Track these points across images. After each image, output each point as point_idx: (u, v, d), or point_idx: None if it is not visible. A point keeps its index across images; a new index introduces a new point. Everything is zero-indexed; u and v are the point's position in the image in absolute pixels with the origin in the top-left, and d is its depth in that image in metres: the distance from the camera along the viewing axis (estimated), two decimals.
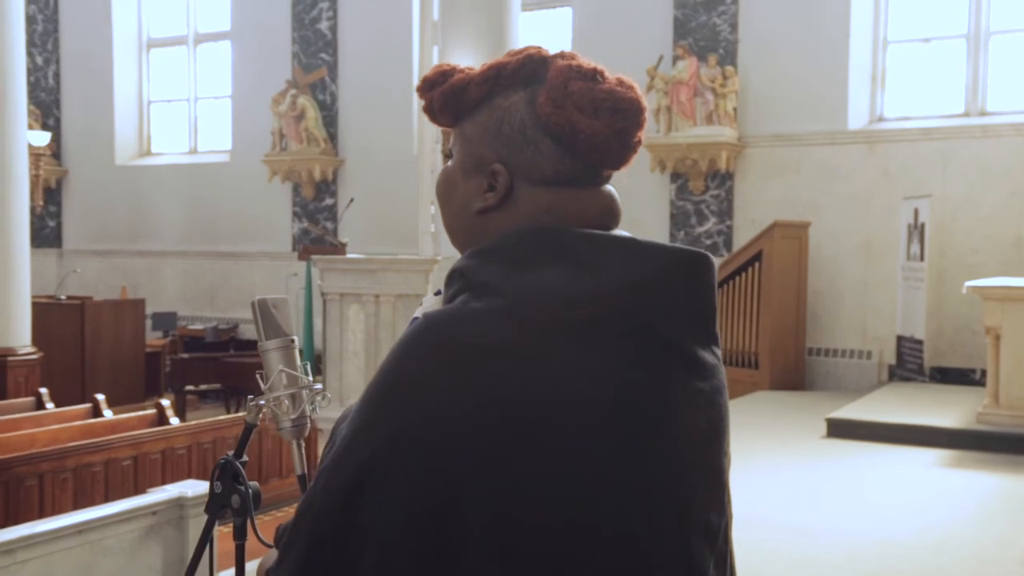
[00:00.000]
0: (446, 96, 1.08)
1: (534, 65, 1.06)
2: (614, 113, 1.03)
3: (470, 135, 1.08)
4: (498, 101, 1.06)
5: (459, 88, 1.08)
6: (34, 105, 13.56)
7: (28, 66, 13.69)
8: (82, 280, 12.98)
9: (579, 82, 1.04)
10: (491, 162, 1.05)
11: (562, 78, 1.04)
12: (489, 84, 1.06)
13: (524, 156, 1.04)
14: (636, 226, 8.93)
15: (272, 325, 1.24)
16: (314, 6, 12.15)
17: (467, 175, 1.08)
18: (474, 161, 1.07)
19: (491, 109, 1.06)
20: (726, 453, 1.07)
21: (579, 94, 1.03)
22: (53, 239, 14.15)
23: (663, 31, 10.26)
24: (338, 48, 12.05)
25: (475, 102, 1.07)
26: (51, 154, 13.58)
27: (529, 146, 1.04)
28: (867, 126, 9.69)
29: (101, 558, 4.14)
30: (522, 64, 1.06)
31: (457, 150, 1.10)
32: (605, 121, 1.03)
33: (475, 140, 1.07)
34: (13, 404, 7.49)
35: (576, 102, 1.03)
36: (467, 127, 1.08)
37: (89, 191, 13.89)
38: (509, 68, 1.06)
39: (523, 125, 1.04)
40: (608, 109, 1.03)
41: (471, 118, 1.08)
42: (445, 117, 1.10)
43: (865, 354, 9.44)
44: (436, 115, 1.11)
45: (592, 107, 1.03)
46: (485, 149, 1.06)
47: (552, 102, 1.03)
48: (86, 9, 13.79)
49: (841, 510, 5.09)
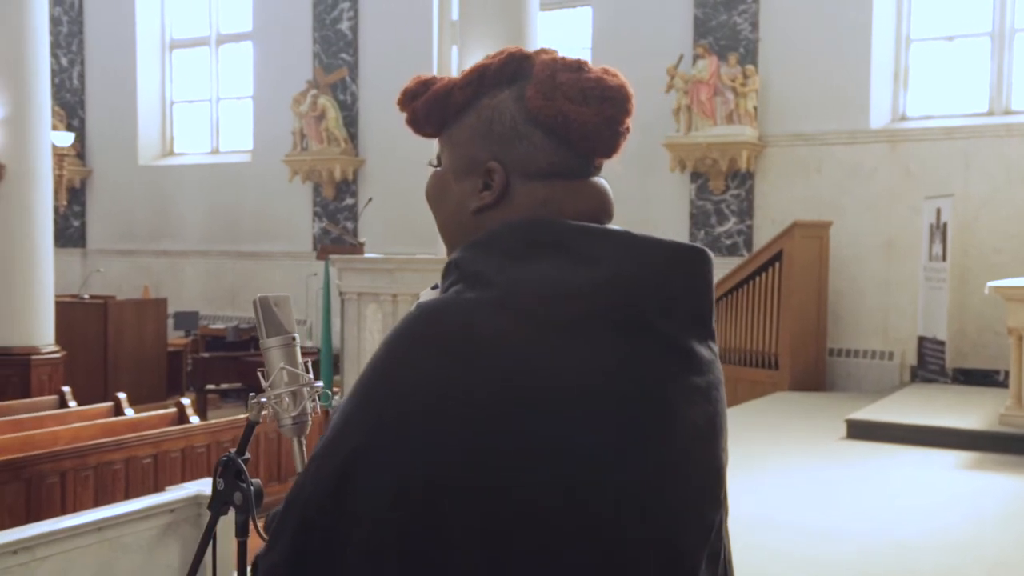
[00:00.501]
0: (430, 104, 1.09)
1: (517, 63, 1.07)
2: (603, 101, 1.04)
3: (458, 138, 1.08)
4: (484, 101, 1.07)
5: (443, 94, 1.08)
6: (59, 106, 13.69)
7: (53, 67, 13.82)
8: (106, 279, 13.09)
9: (566, 73, 1.05)
10: (484, 161, 1.06)
11: (548, 71, 1.05)
12: (473, 86, 1.07)
13: (517, 151, 1.05)
14: (655, 226, 8.94)
15: (273, 323, 1.24)
16: (335, 6, 12.21)
17: (459, 177, 1.08)
18: (465, 162, 1.08)
19: (478, 110, 1.07)
20: (723, 449, 1.07)
21: (568, 84, 1.04)
22: (77, 239, 14.29)
23: (683, 30, 10.23)
24: (359, 48, 12.09)
25: (460, 106, 1.08)
26: (75, 154, 13.73)
27: (522, 141, 1.05)
28: (889, 125, 9.62)
29: (120, 556, 4.17)
30: (505, 63, 1.07)
31: (446, 155, 1.10)
32: (595, 109, 1.04)
33: (465, 142, 1.08)
34: (37, 402, 7.57)
35: (565, 92, 1.04)
36: (454, 132, 1.09)
37: (113, 191, 14.01)
38: (492, 68, 1.07)
39: (514, 121, 1.05)
40: (597, 97, 1.04)
41: (458, 122, 1.08)
42: (430, 126, 1.11)
43: (887, 355, 9.37)
44: (421, 125, 1.11)
45: (581, 96, 1.04)
46: (476, 149, 1.06)
47: (542, 94, 1.04)
48: (110, 10, 13.91)
49: (859, 512, 5.05)
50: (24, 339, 8.56)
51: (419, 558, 0.91)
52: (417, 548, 0.91)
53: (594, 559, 0.94)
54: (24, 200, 8.57)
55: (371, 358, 0.98)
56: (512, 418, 0.92)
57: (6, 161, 8.48)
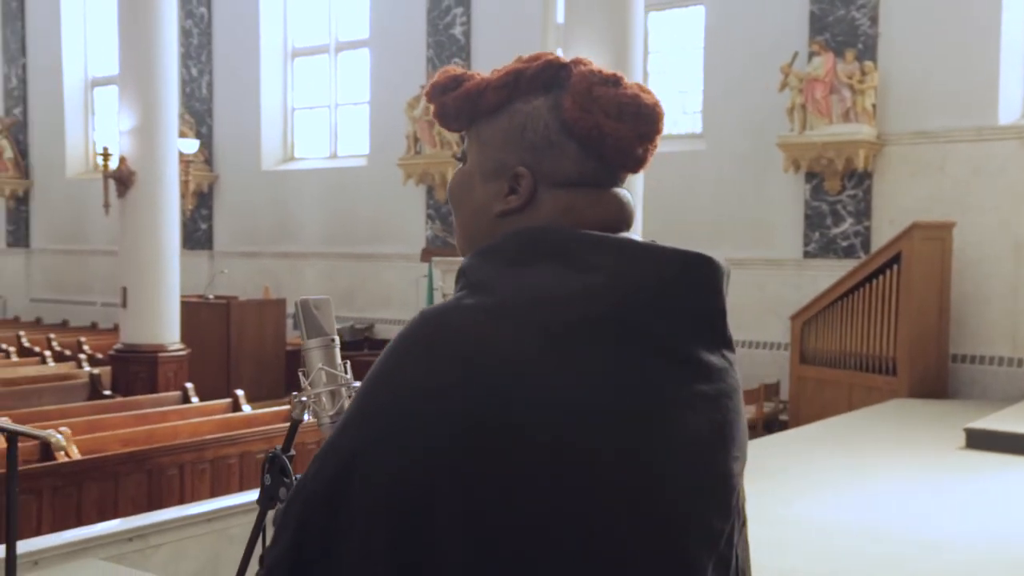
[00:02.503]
0: (461, 101, 1.10)
1: (553, 71, 1.08)
2: (638, 118, 1.06)
3: (488, 139, 1.10)
4: (518, 106, 1.08)
5: (475, 93, 1.10)
6: (189, 114, 14.33)
7: (184, 77, 14.52)
8: (230, 280, 13.63)
9: (602, 87, 1.06)
10: (513, 166, 1.07)
11: (585, 83, 1.06)
12: (508, 89, 1.08)
13: (548, 159, 1.06)
14: (769, 227, 8.72)
15: (314, 325, 1.29)
16: (448, 12, 12.39)
17: (486, 178, 1.10)
18: (494, 165, 1.09)
19: (511, 114, 1.08)
20: (736, 457, 1.06)
21: (605, 99, 1.05)
22: (205, 241, 14.91)
23: (798, 27, 9.98)
24: (471, 53, 12.24)
25: (493, 107, 1.09)
26: (203, 160, 14.34)
27: (554, 149, 1.06)
28: (1019, 120, 9.17)
29: (227, 546, 4.35)
30: (541, 69, 1.08)
31: (473, 153, 1.12)
32: (630, 125, 1.06)
33: (495, 145, 1.09)
34: (161, 398, 7.94)
35: (603, 107, 1.05)
36: (484, 131, 1.10)
37: (238, 195, 14.56)
38: (528, 74, 1.08)
39: (547, 129, 1.06)
40: (632, 114, 1.06)
41: (488, 123, 1.10)
42: (459, 122, 1.12)
43: (1015, 362, 8.93)
44: (449, 120, 1.13)
45: (618, 111, 1.05)
46: (506, 153, 1.08)
47: (579, 106, 1.05)
48: (236, 22, 14.47)
49: (972, 525, 4.84)
50: (152, 337, 8.99)
51: (410, 558, 0.93)
52: (408, 549, 0.93)
53: (584, 563, 0.94)
54: (153, 205, 8.99)
55: (375, 362, 1.02)
56: (500, 425, 0.93)
57: (136, 168, 8.93)
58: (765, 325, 10.16)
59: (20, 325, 14.41)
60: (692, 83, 11.11)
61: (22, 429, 3.11)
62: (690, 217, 10.41)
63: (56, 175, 16.35)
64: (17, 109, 16.78)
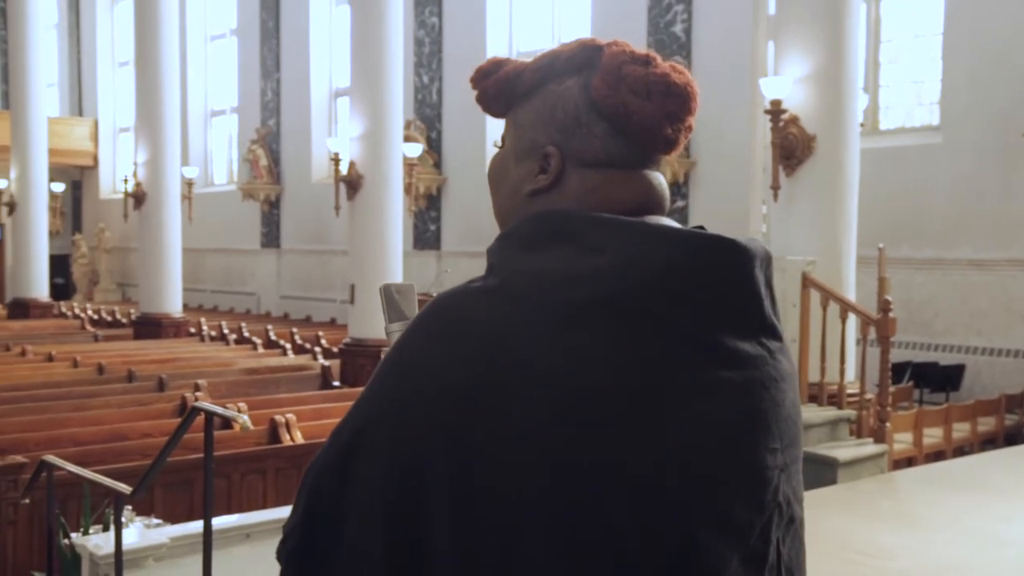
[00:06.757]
0: (500, 84, 1.12)
1: (588, 53, 1.08)
2: (666, 96, 1.04)
3: (523, 120, 1.11)
4: (551, 87, 1.08)
5: (513, 76, 1.11)
6: (420, 120, 15.01)
7: (416, 84, 15.22)
8: (454, 279, 14.12)
9: (632, 66, 1.05)
10: (544, 145, 1.08)
11: (616, 62, 1.06)
12: (543, 71, 1.09)
13: (576, 139, 1.06)
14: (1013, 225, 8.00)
15: (396, 309, 1.33)
16: (669, 10, 12.27)
17: (520, 159, 1.11)
18: (527, 144, 1.10)
19: (544, 95, 1.09)
20: (773, 449, 1.00)
21: (633, 77, 1.04)
22: (433, 241, 15.55)
23: None
24: (692, 50, 12.05)
25: (528, 89, 1.10)
26: (433, 164, 14.96)
27: (582, 129, 1.06)
28: None
29: None
30: (576, 52, 1.09)
31: (510, 136, 1.13)
32: (657, 104, 1.04)
33: (528, 125, 1.10)
34: None
35: (630, 85, 1.04)
36: (520, 113, 1.11)
37: (463, 197, 15.08)
38: (563, 56, 1.09)
39: (576, 109, 1.07)
40: (660, 92, 1.04)
41: (524, 105, 1.11)
42: (498, 105, 1.14)
43: None
44: (490, 103, 1.14)
45: (645, 90, 1.04)
46: (538, 133, 1.08)
47: (606, 84, 1.05)
48: (465, 29, 14.99)
49: None
50: (377, 332, 9.48)
51: (404, 534, 0.96)
52: (404, 526, 0.96)
53: (581, 545, 0.93)
54: (378, 206, 9.51)
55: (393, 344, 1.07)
56: (495, 404, 0.94)
57: (363, 172, 9.46)
58: (1010, 331, 9.37)
59: (269, 320, 15.64)
60: (930, 72, 10.40)
61: (215, 409, 3.38)
62: (924, 214, 9.77)
63: (303, 180, 17.58)
64: (272, 120, 18.19)
